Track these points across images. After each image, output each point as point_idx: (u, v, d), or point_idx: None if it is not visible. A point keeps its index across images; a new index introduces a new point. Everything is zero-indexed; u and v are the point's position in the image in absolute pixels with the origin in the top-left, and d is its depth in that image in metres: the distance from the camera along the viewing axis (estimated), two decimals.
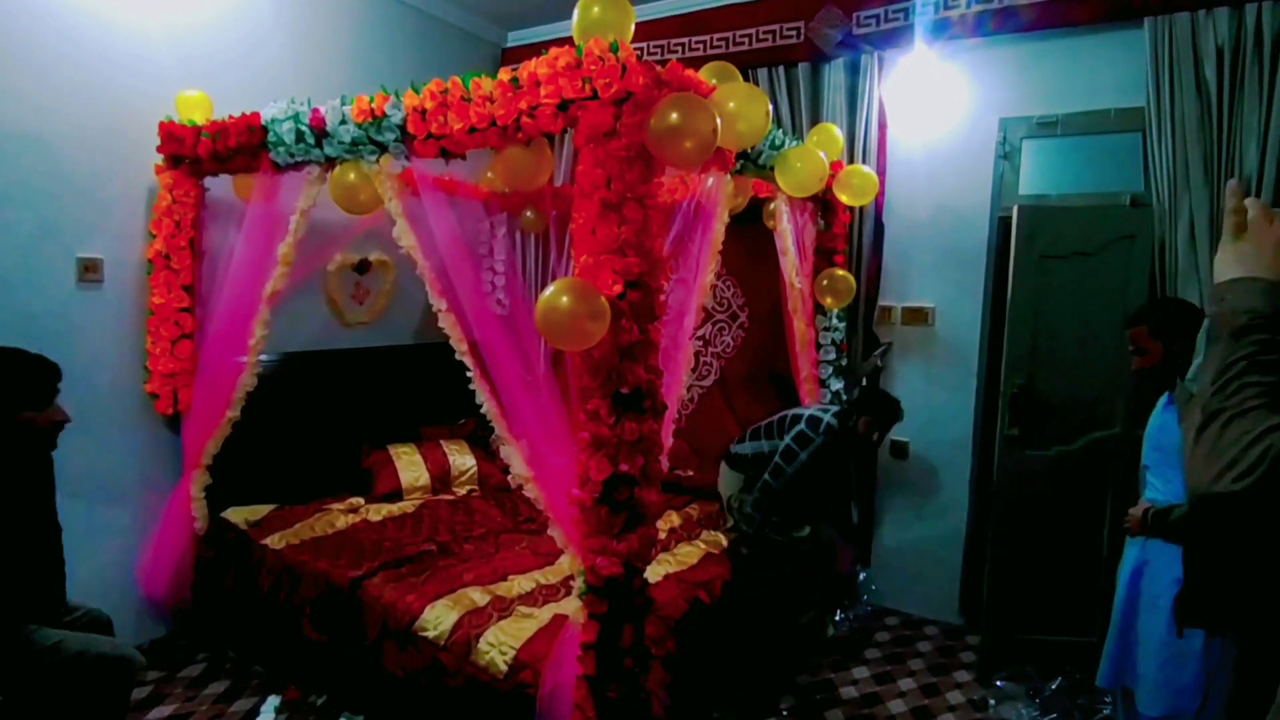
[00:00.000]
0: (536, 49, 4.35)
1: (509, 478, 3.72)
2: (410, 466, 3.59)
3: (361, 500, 3.40)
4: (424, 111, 2.16)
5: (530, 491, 2.09)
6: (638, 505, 1.92)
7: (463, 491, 3.66)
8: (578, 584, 2.00)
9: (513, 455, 2.09)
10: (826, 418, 2.88)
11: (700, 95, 1.97)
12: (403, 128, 2.24)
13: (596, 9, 1.89)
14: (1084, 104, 3.10)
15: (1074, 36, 3.08)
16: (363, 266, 3.80)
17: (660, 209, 1.95)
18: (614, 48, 1.83)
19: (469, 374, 2.20)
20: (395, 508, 3.36)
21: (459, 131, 2.11)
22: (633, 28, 1.92)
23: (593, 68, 1.84)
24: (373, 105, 2.28)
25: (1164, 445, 2.07)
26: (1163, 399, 2.16)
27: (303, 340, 3.54)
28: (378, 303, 3.90)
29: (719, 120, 1.86)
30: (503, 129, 2.05)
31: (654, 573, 2.71)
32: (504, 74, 2.03)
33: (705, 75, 2.24)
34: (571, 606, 2.36)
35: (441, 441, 3.82)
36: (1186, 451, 0.91)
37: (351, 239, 3.50)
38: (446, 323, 2.23)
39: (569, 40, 1.94)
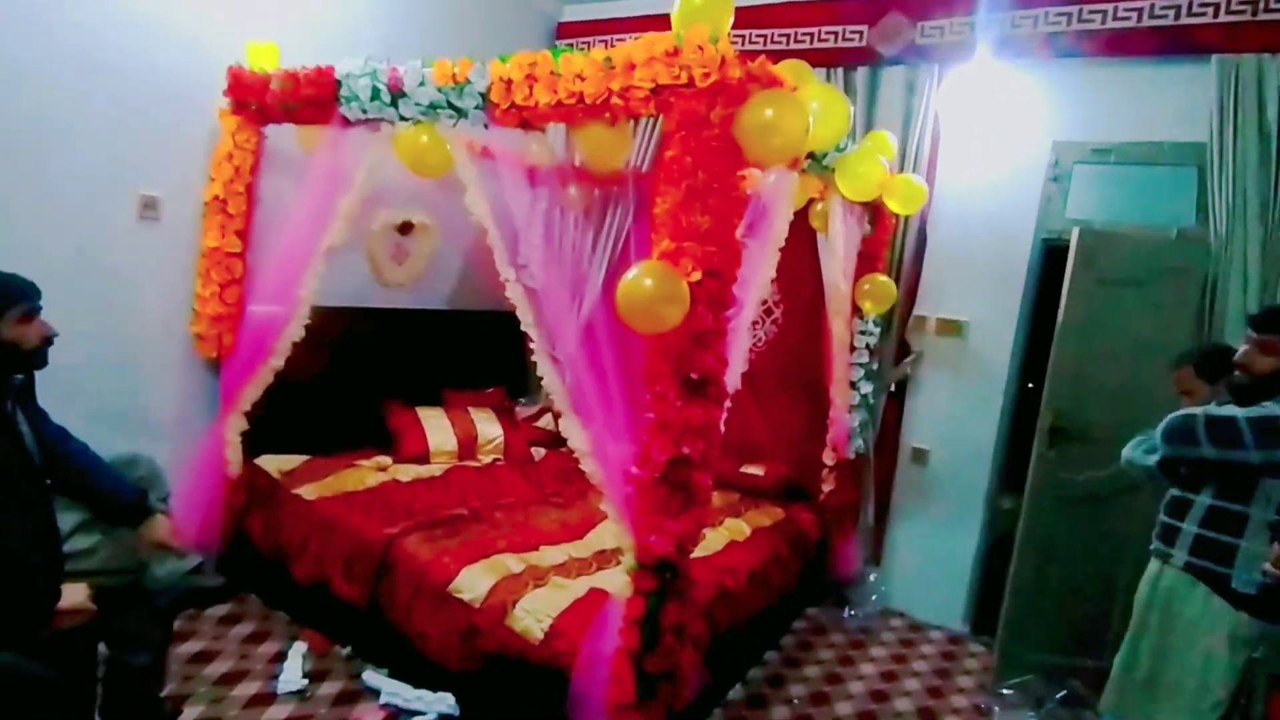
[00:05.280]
0: (592, 25, 4.46)
1: (568, 452, 3.81)
2: (438, 430, 3.63)
3: (389, 460, 3.44)
4: (509, 82, 2.18)
5: (588, 466, 2.13)
6: (694, 488, 1.96)
7: (487, 460, 3.70)
8: (626, 559, 2.05)
9: (573, 429, 2.13)
10: None
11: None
12: (484, 95, 2.26)
13: None
14: (1139, 134, 3.13)
15: (1136, 66, 3.12)
16: (405, 228, 3.81)
17: (741, 201, 1.98)
18: (714, 38, 1.86)
19: (532, 346, 2.24)
20: (423, 470, 3.40)
21: (545, 104, 2.13)
22: (731, 19, 1.94)
23: (691, 57, 1.87)
24: (455, 71, 2.30)
25: None
26: None
27: (340, 296, 3.55)
28: (416, 265, 3.91)
29: (811, 120, 1.89)
30: (589, 106, 2.07)
31: None
32: (597, 53, 2.05)
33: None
34: (609, 580, 2.43)
35: (469, 408, 3.86)
36: None
37: (397, 199, 3.52)
38: (515, 293, 2.25)
39: (625, 20, 1.94)
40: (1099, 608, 3.01)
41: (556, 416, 4.16)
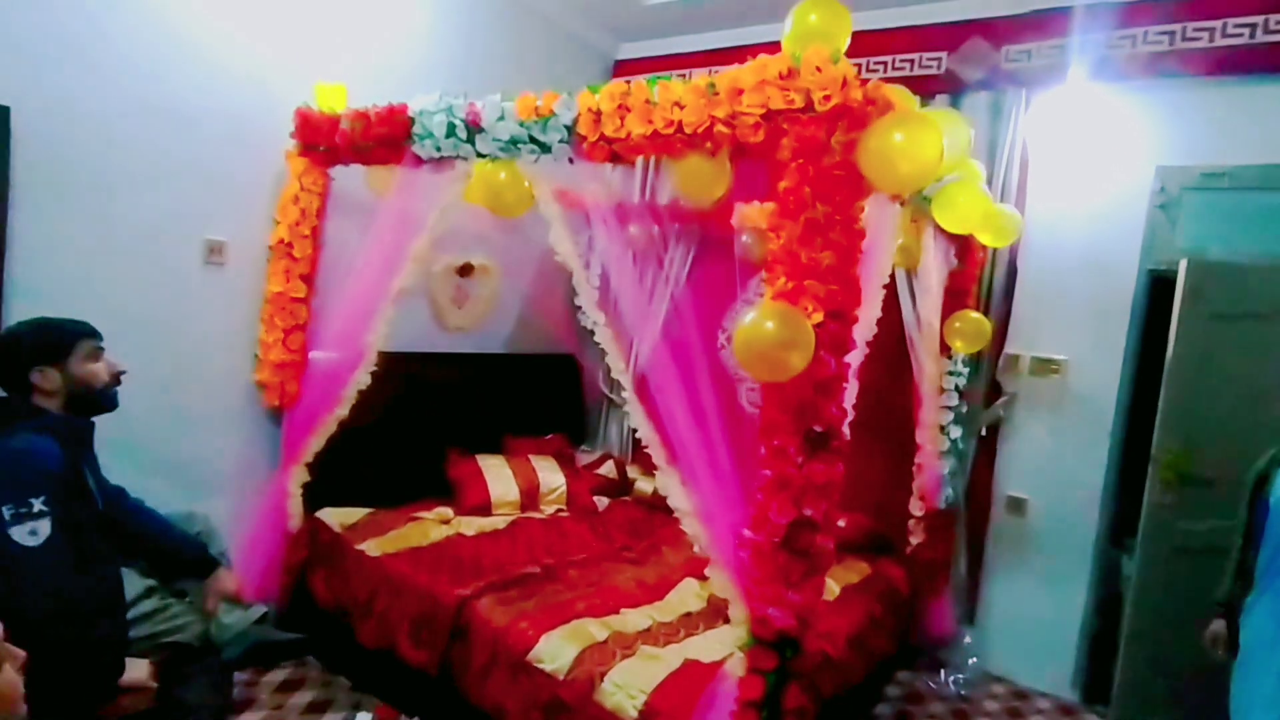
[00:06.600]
0: (649, 63, 4.35)
1: (633, 501, 3.62)
2: (499, 480, 3.45)
3: (450, 511, 3.26)
4: (599, 113, 2.05)
5: (690, 527, 1.93)
6: (816, 553, 1.76)
7: (550, 510, 3.50)
8: (740, 635, 1.83)
9: (673, 486, 1.94)
10: None
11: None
12: (569, 128, 2.13)
13: (814, 16, 1.76)
14: (1256, 156, 2.90)
15: (1250, 84, 2.90)
16: (465, 269, 3.70)
17: (862, 235, 1.80)
18: (835, 58, 1.71)
19: (623, 395, 2.06)
20: (486, 523, 3.22)
21: (638, 135, 1.98)
22: (849, 38, 1.79)
23: (810, 79, 1.71)
24: (539, 104, 2.18)
25: None
26: None
27: (402, 341, 3.42)
28: (477, 308, 3.79)
29: (945, 145, 1.72)
30: (689, 136, 1.92)
31: None
32: (699, 79, 1.91)
33: None
34: (701, 649, 2.23)
35: (530, 456, 3.68)
36: None
37: (456, 241, 3.41)
38: (605, 338, 2.09)
39: (684, 57, 1.81)
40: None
41: (619, 464, 4.04)
